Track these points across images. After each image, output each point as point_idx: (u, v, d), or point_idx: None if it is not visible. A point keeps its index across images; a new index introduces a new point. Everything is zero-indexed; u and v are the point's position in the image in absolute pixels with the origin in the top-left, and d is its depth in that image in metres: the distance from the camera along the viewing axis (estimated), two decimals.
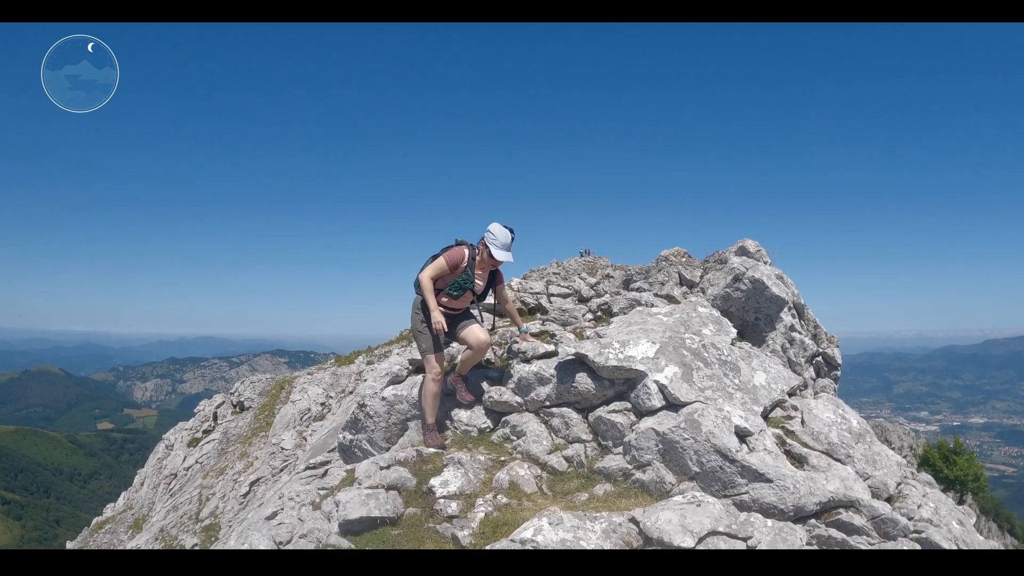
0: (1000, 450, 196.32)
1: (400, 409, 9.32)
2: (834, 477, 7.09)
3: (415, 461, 8.01)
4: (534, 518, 6.13)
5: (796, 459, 7.35)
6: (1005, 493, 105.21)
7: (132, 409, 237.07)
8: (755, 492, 6.79)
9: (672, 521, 5.97)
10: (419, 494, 7.44)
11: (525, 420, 8.36)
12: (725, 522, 6.15)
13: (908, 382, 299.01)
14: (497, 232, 8.79)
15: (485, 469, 7.72)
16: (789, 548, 6.08)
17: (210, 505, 19.92)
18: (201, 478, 22.51)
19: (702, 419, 7.15)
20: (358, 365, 25.68)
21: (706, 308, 9.55)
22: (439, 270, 8.75)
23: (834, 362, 10.95)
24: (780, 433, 7.69)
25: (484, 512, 6.83)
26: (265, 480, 18.56)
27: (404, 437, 9.22)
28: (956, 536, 7.18)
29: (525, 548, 5.75)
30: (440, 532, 6.72)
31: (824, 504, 6.87)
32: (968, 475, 34.36)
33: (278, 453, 20.23)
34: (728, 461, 6.91)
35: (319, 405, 23.90)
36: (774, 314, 10.16)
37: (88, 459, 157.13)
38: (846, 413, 8.26)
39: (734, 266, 10.30)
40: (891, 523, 6.89)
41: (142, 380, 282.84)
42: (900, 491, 7.59)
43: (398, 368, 9.83)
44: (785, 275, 10.71)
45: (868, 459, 7.71)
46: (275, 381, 28.92)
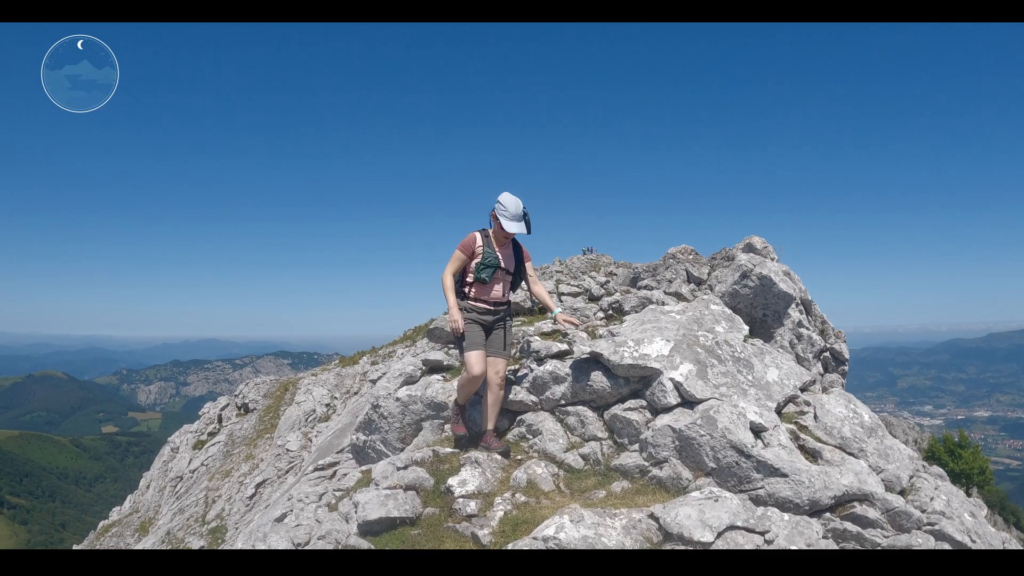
0: (1005, 443, 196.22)
1: (414, 410, 9.38)
2: (848, 471, 7.15)
3: (432, 461, 8.07)
4: (555, 516, 6.18)
5: (810, 454, 7.41)
6: (1010, 486, 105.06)
7: (136, 412, 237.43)
8: (771, 487, 6.85)
9: (691, 516, 6.05)
10: (437, 494, 7.49)
11: (541, 419, 8.42)
12: (743, 516, 6.22)
13: (912, 376, 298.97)
14: (507, 201, 8.31)
15: (502, 468, 7.78)
16: (806, 542, 6.15)
17: (216, 507, 19.99)
18: (207, 480, 22.59)
19: (718, 415, 7.21)
20: (362, 366, 25.77)
21: (718, 306, 9.61)
22: (457, 262, 8.39)
23: (841, 357, 11.00)
24: (794, 428, 7.74)
25: (503, 511, 6.89)
26: (271, 482, 18.62)
27: (419, 437, 9.28)
28: (968, 528, 7.24)
29: (548, 547, 5.82)
30: (460, 531, 6.77)
31: (839, 498, 6.93)
32: (974, 469, 34.32)
33: (284, 455, 20.31)
34: (744, 456, 6.97)
35: (324, 406, 24.00)
36: (782, 310, 10.21)
37: (93, 463, 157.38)
38: (857, 408, 8.31)
39: (742, 263, 10.35)
40: (904, 516, 6.95)
41: (146, 383, 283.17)
42: (912, 484, 7.64)
43: (412, 369, 9.89)
44: (792, 271, 10.76)
45: (880, 453, 7.76)
46: (279, 383, 29.01)
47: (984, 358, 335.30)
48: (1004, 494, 45.34)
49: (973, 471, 34.39)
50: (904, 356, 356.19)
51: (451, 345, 10.35)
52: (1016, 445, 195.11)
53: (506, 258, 8.56)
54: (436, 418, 9.20)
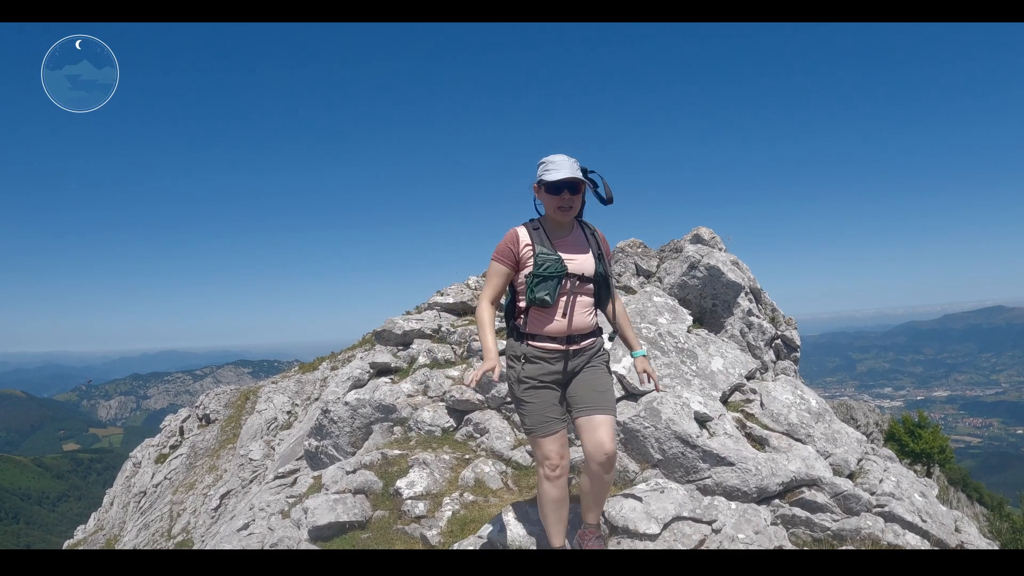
0: (964, 421, 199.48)
1: (363, 413, 9.32)
2: (795, 457, 7.18)
3: (380, 464, 8.03)
4: (500, 513, 6.20)
5: (757, 441, 7.44)
6: (972, 463, 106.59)
7: (97, 428, 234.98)
8: (718, 476, 6.87)
9: (636, 509, 6.04)
10: (386, 496, 7.46)
11: (487, 417, 8.39)
12: (689, 507, 6.23)
13: (871, 360, 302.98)
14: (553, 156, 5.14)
15: (450, 468, 7.76)
16: (754, 529, 6.17)
17: (181, 521, 19.82)
18: (171, 494, 22.39)
19: (661, 407, 7.21)
20: (322, 371, 25.64)
21: (661, 297, 9.64)
22: (497, 278, 5.24)
23: (793, 344, 11.08)
24: (740, 417, 7.77)
25: (451, 511, 6.87)
26: (235, 492, 18.49)
27: (369, 441, 9.23)
28: (919, 508, 7.28)
29: (494, 545, 5.82)
30: (409, 533, 6.75)
31: (787, 484, 6.95)
32: (934, 447, 34.77)
33: (247, 464, 20.16)
34: (689, 447, 6.98)
35: (285, 414, 23.85)
36: (731, 299, 10.26)
37: (56, 482, 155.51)
38: (804, 393, 8.36)
39: (689, 254, 10.40)
40: (854, 499, 6.99)
41: (106, 398, 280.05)
42: (861, 467, 7.69)
43: (360, 372, 9.84)
44: (740, 261, 10.83)
45: (828, 438, 7.81)
46: (240, 392, 28.80)
47: (940, 339, 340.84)
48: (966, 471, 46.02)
49: (934, 450, 34.84)
50: (862, 340, 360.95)
51: (399, 347, 10.26)
52: (976, 423, 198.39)
53: (577, 255, 5.25)
54: (385, 420, 9.14)
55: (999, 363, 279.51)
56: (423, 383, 9.25)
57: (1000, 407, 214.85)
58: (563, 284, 5.14)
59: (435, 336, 10.14)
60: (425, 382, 9.24)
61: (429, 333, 10.12)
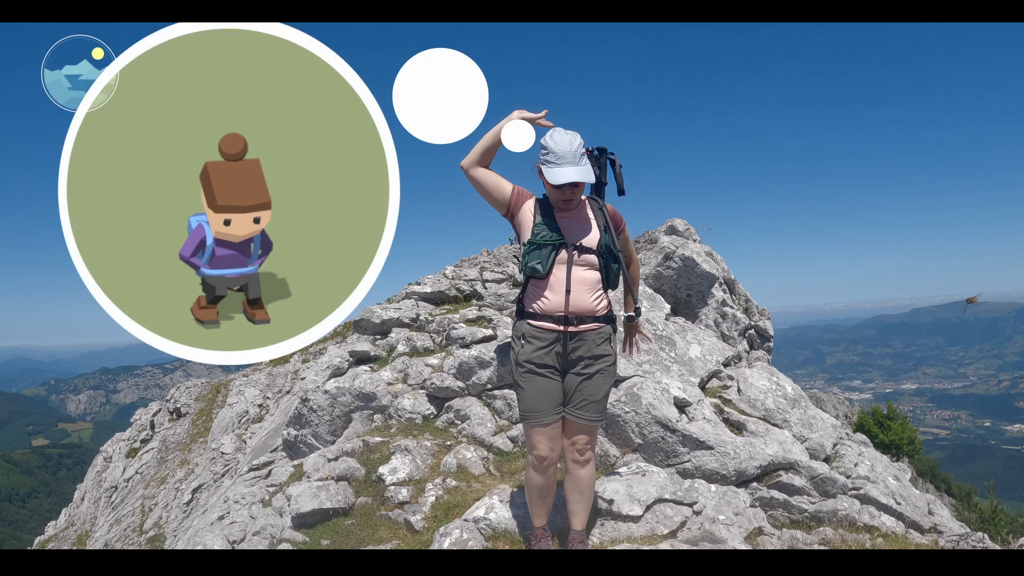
0: (933, 414, 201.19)
1: (343, 401, 9.33)
2: (772, 441, 7.30)
3: (362, 451, 8.05)
4: (485, 497, 6.28)
5: (735, 426, 7.57)
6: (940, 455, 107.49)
7: (67, 423, 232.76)
8: (697, 459, 6.97)
9: (619, 492, 6.14)
10: (369, 483, 7.48)
11: (468, 404, 8.43)
12: (670, 489, 6.34)
13: (840, 352, 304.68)
14: (556, 138, 4.62)
15: (432, 454, 7.80)
16: (734, 511, 6.28)
17: (153, 515, 19.74)
18: (142, 489, 22.29)
19: (641, 392, 7.31)
20: (293, 364, 25.57)
21: None
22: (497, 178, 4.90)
23: (766, 334, 11.19)
24: (718, 402, 7.89)
25: (435, 496, 6.90)
26: (208, 486, 18.44)
27: (349, 429, 9.23)
28: (893, 491, 7.40)
29: (479, 527, 5.88)
30: (393, 518, 6.78)
31: (764, 467, 7.08)
32: (903, 439, 35.03)
33: (218, 458, 20.10)
34: (669, 431, 7.08)
35: (256, 407, 23.78)
36: (705, 290, 10.36)
37: (25, 478, 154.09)
38: (780, 380, 8.49)
39: (664, 245, 10.48)
40: (830, 482, 7.11)
41: (75, 393, 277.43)
42: (837, 451, 7.82)
43: (339, 361, 9.84)
44: (715, 252, 10.93)
45: (804, 423, 7.94)
46: (211, 385, 28.68)
47: (909, 332, 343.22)
48: (934, 463, 46.43)
49: (903, 441, 35.13)
50: (832, 333, 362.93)
51: (378, 336, 10.26)
52: (944, 415, 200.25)
53: (578, 229, 4.80)
54: (365, 408, 9.16)
55: (967, 356, 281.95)
56: (403, 371, 9.27)
57: (968, 400, 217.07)
58: (558, 253, 4.70)
59: (413, 325, 10.16)
60: (405, 370, 9.26)
61: (407, 322, 10.14)
